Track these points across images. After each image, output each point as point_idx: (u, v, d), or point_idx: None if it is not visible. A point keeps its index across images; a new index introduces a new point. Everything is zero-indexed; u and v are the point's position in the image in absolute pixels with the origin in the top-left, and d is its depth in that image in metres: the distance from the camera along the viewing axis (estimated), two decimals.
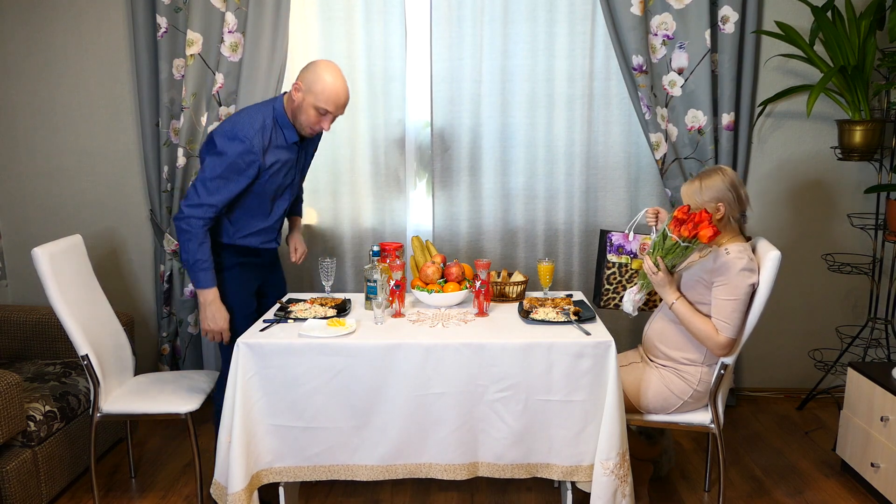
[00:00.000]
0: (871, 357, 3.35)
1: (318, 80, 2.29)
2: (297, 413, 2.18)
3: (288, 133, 2.39)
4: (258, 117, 2.35)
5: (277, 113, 2.38)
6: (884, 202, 3.19)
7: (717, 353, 2.28)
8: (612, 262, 2.61)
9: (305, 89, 2.30)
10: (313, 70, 2.32)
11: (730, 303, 2.22)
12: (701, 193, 2.29)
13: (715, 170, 2.33)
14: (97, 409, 2.46)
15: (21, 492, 2.40)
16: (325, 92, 2.29)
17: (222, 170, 2.29)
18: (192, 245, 2.32)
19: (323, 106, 2.31)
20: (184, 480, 2.79)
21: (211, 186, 2.30)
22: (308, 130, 2.39)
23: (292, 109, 2.36)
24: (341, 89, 2.32)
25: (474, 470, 2.21)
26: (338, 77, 2.32)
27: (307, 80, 2.31)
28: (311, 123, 2.35)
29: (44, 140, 3.37)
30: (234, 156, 2.29)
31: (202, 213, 2.31)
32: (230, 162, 2.29)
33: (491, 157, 3.27)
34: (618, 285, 2.62)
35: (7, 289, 3.50)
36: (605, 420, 2.14)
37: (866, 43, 2.96)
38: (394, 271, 2.40)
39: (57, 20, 3.25)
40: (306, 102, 2.31)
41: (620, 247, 2.61)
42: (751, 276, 2.23)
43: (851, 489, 2.69)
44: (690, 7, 3.03)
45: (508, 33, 3.15)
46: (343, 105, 2.36)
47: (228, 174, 2.30)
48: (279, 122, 2.38)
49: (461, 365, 2.15)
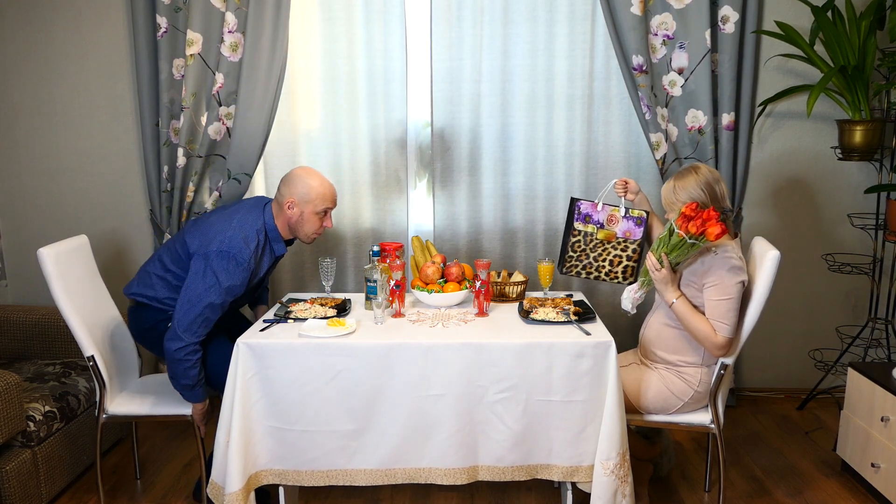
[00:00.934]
0: (872, 357, 3.35)
1: (309, 188, 2.35)
2: (296, 415, 2.18)
3: (277, 247, 2.41)
4: (252, 234, 2.33)
5: (269, 227, 2.39)
6: (884, 202, 3.19)
7: (715, 353, 2.27)
8: (577, 230, 2.63)
9: (300, 202, 2.35)
10: (297, 182, 2.36)
11: (723, 303, 2.22)
12: (675, 193, 2.29)
13: (689, 169, 2.32)
14: (103, 410, 2.45)
15: (21, 492, 2.40)
16: (320, 195, 2.37)
17: (218, 296, 2.26)
18: (195, 370, 2.30)
19: (323, 207, 2.38)
20: (184, 480, 2.79)
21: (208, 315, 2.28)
22: (313, 237, 2.43)
23: (290, 225, 2.39)
24: (329, 185, 2.41)
25: (474, 473, 2.21)
26: (320, 176, 2.41)
27: (297, 193, 2.35)
28: (316, 230, 2.41)
29: (44, 140, 3.37)
30: (233, 280, 2.27)
31: (198, 336, 2.29)
32: (227, 287, 2.27)
33: (491, 157, 3.27)
34: (581, 253, 2.64)
35: (7, 289, 3.50)
36: (606, 420, 2.14)
37: (866, 43, 2.96)
38: (394, 271, 2.40)
39: (57, 20, 3.25)
40: (307, 213, 2.36)
41: (588, 216, 2.62)
42: (740, 274, 2.22)
43: (851, 489, 2.69)
44: (690, 7, 3.03)
45: (508, 33, 3.15)
46: (336, 196, 2.45)
47: (225, 297, 2.29)
48: (270, 236, 2.39)
49: (461, 365, 2.15)
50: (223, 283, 2.26)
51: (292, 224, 2.39)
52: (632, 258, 2.58)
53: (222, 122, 3.14)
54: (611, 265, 2.61)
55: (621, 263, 2.60)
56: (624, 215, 2.58)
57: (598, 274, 2.63)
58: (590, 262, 2.63)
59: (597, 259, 2.62)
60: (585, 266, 2.63)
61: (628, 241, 2.59)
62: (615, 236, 2.59)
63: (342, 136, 3.26)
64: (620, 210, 2.58)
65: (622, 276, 2.61)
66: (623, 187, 2.59)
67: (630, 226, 2.58)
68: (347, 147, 3.27)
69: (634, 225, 2.58)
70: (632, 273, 2.61)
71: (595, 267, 2.62)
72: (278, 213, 2.40)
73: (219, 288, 2.26)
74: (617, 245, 2.59)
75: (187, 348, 2.27)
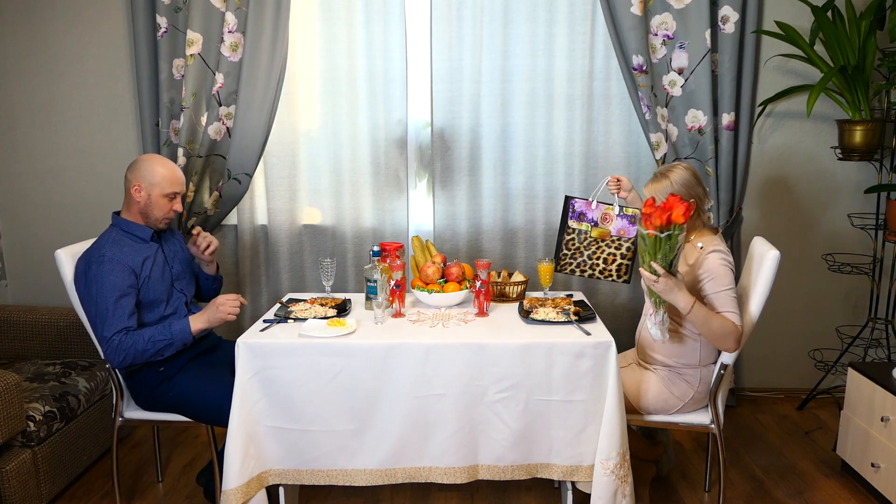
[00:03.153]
0: (872, 357, 3.35)
1: (154, 172, 2.37)
2: (296, 415, 2.18)
3: (140, 233, 2.41)
4: (106, 240, 2.35)
5: (119, 223, 2.40)
6: (884, 202, 3.19)
7: (731, 346, 2.18)
8: (571, 228, 2.65)
9: (147, 185, 2.36)
10: (141, 166, 2.38)
11: (725, 292, 2.19)
12: (673, 189, 2.24)
13: (676, 165, 2.31)
14: (119, 414, 2.44)
15: (21, 492, 2.40)
16: (165, 177, 2.38)
17: (111, 293, 2.25)
18: (139, 345, 2.25)
19: (171, 190, 2.39)
20: (184, 481, 2.79)
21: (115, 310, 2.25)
22: (164, 221, 2.43)
23: (140, 210, 2.39)
24: (174, 168, 2.43)
25: (474, 473, 2.21)
26: (166, 161, 2.43)
27: (142, 177, 2.36)
28: (165, 212, 2.41)
29: (44, 140, 3.37)
30: (107, 273, 2.26)
31: (121, 325, 2.25)
32: (111, 282, 2.26)
33: (491, 157, 3.27)
34: (575, 251, 2.66)
35: (7, 289, 3.50)
36: (606, 420, 2.14)
37: (866, 43, 2.96)
38: (394, 271, 2.40)
39: (57, 20, 3.25)
40: (154, 196, 2.37)
41: (582, 214, 2.64)
42: (728, 258, 2.22)
43: (851, 489, 2.69)
44: (690, 7, 3.03)
45: (508, 33, 3.15)
46: (184, 181, 2.46)
47: (114, 293, 2.26)
48: (124, 229, 2.40)
49: (461, 365, 2.14)
50: (102, 282, 2.25)
51: (142, 208, 2.39)
52: (626, 256, 2.59)
53: (222, 122, 3.14)
54: (605, 263, 2.62)
55: (615, 262, 2.61)
56: (618, 213, 2.59)
57: (593, 272, 2.64)
58: (584, 259, 2.65)
59: (591, 257, 2.64)
60: (580, 264, 2.65)
61: (622, 240, 2.60)
62: (609, 234, 2.60)
63: (342, 136, 3.26)
64: (615, 208, 2.59)
65: (616, 275, 2.62)
66: (616, 185, 2.60)
67: (624, 224, 2.59)
68: (347, 147, 3.27)
69: (628, 223, 2.59)
70: (626, 271, 2.62)
71: (589, 265, 2.63)
72: (128, 203, 2.41)
73: (104, 287, 2.25)
74: (611, 243, 2.60)
75: (114, 340, 2.22)
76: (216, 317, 2.32)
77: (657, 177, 2.30)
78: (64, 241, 2.68)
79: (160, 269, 2.42)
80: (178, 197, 2.43)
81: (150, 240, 2.42)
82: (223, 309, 2.31)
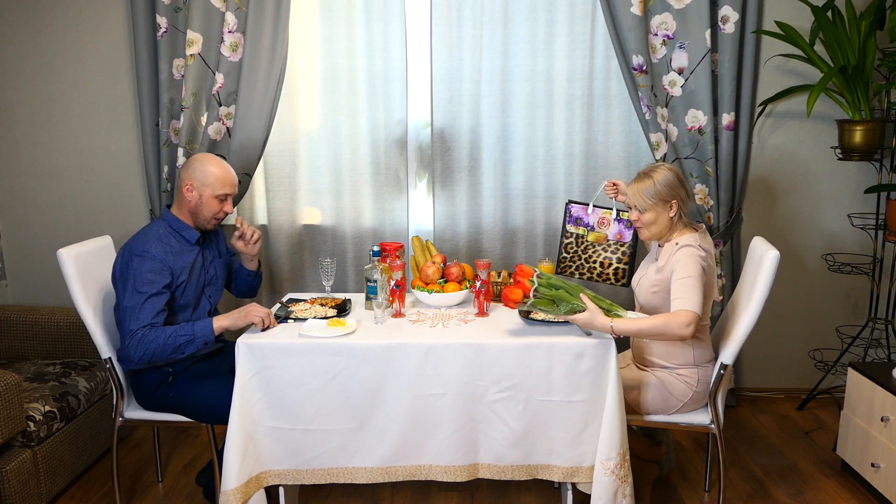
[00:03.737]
0: (872, 357, 3.35)
1: (207, 172, 2.38)
2: (296, 415, 2.18)
3: (187, 234, 2.42)
4: (152, 234, 2.36)
5: (168, 219, 2.42)
6: (884, 202, 3.19)
7: (681, 333, 2.11)
8: (570, 233, 2.68)
9: (199, 185, 2.37)
10: (195, 166, 2.39)
11: (684, 280, 2.17)
12: (656, 189, 2.25)
13: (659, 166, 2.31)
14: (119, 413, 2.44)
15: (21, 492, 2.40)
16: (218, 178, 2.39)
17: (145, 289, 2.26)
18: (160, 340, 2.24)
19: (222, 192, 2.40)
20: (184, 481, 2.79)
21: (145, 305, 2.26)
22: (213, 222, 2.44)
23: (190, 210, 2.41)
24: (228, 169, 2.43)
25: (474, 471, 2.21)
26: (220, 161, 2.43)
27: (195, 176, 2.38)
28: (215, 212, 2.42)
29: (44, 140, 3.37)
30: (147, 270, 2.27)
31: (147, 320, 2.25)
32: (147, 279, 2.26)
33: (491, 157, 3.27)
34: (574, 255, 2.69)
35: (7, 289, 3.50)
36: (606, 420, 2.14)
37: (866, 43, 2.96)
38: (394, 271, 2.40)
39: (57, 20, 3.25)
40: (206, 196, 2.38)
41: (579, 218, 2.67)
42: (699, 251, 2.21)
43: (852, 489, 2.69)
44: (690, 7, 3.03)
45: (508, 33, 3.15)
46: (236, 182, 2.46)
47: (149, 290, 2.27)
48: (172, 226, 2.41)
49: (461, 365, 2.14)
50: (139, 277, 2.26)
51: (192, 208, 2.40)
52: (622, 261, 2.60)
53: (222, 122, 3.14)
54: (602, 267, 2.64)
55: (611, 266, 2.63)
56: (615, 218, 2.60)
57: (591, 275, 2.67)
58: (582, 263, 2.69)
59: (587, 261, 2.66)
60: (578, 267, 2.68)
61: (619, 244, 2.61)
62: (606, 239, 2.62)
63: (342, 136, 3.26)
64: (612, 213, 2.60)
65: (614, 278, 2.64)
66: (613, 189, 2.61)
67: (621, 228, 2.61)
68: (347, 147, 3.27)
69: (625, 227, 2.60)
70: (623, 275, 2.63)
71: (587, 268, 2.66)
72: (179, 201, 2.42)
73: (140, 282, 2.25)
74: (607, 247, 2.62)
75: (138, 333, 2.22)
76: (242, 316, 2.31)
77: (640, 177, 2.30)
78: (64, 241, 2.68)
79: (196, 276, 2.43)
80: (230, 198, 2.45)
81: (194, 243, 2.44)
82: (253, 312, 2.30)
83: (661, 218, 2.28)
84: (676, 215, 2.28)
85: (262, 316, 2.29)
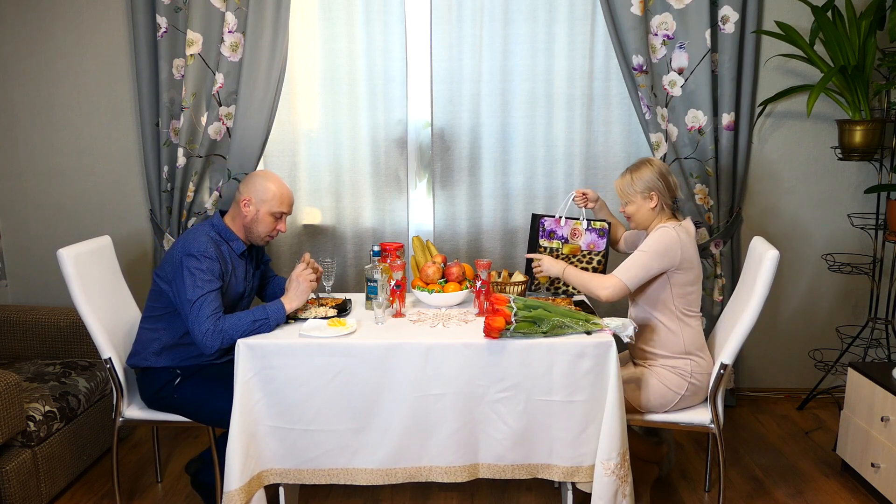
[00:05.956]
0: (872, 357, 3.35)
1: (266, 189, 2.39)
2: (296, 415, 2.18)
3: (235, 245, 2.43)
4: (204, 235, 2.36)
5: (218, 226, 2.42)
6: (884, 202, 3.19)
7: (600, 293, 2.31)
8: (543, 247, 2.68)
9: (257, 201, 2.38)
10: (256, 181, 2.40)
11: (637, 253, 2.32)
12: (633, 185, 2.38)
13: (643, 162, 2.43)
14: (119, 414, 2.44)
15: (21, 492, 2.40)
16: (277, 197, 2.40)
17: (203, 287, 2.26)
18: (236, 323, 2.23)
19: (279, 210, 2.41)
20: (184, 481, 2.79)
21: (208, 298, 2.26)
22: (266, 238, 2.45)
23: (244, 224, 2.42)
24: (287, 189, 2.45)
25: (475, 471, 2.21)
26: (280, 180, 2.45)
27: (254, 192, 2.39)
28: (269, 230, 2.44)
29: (44, 140, 3.37)
30: (206, 269, 2.28)
31: (215, 318, 2.25)
32: (206, 278, 2.27)
33: (491, 157, 3.27)
34: None
35: (7, 289, 3.50)
36: (606, 420, 2.14)
37: (866, 43, 2.96)
38: (394, 271, 2.40)
39: (57, 20, 3.25)
40: (262, 213, 2.39)
41: (552, 231, 2.67)
42: (672, 231, 2.30)
43: (851, 489, 2.69)
44: (690, 7, 3.03)
45: (508, 33, 3.15)
46: (293, 202, 2.48)
47: (209, 286, 2.28)
48: (222, 235, 2.42)
49: (461, 365, 2.15)
50: (199, 276, 2.27)
51: (247, 223, 2.41)
52: (597, 269, 2.60)
53: (222, 122, 3.14)
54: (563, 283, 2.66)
55: None
56: (586, 228, 2.61)
57: (567, 288, 2.67)
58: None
59: None
60: (554, 281, 2.66)
61: (593, 253, 2.62)
62: (580, 249, 2.63)
63: (342, 136, 3.26)
64: (583, 223, 2.61)
65: None
66: (583, 199, 2.66)
67: (593, 238, 2.62)
68: (347, 147, 3.27)
69: (597, 236, 2.62)
70: None
71: (562, 281, 2.63)
72: (234, 214, 2.43)
73: (200, 279, 2.26)
74: (582, 258, 2.62)
75: (210, 324, 2.23)
76: (302, 289, 2.37)
77: (623, 173, 2.44)
78: (64, 241, 2.68)
79: (234, 287, 2.43)
80: (285, 217, 2.46)
81: (239, 255, 2.44)
82: (303, 281, 2.37)
83: (642, 209, 2.40)
84: (658, 206, 2.39)
85: (311, 277, 2.38)
